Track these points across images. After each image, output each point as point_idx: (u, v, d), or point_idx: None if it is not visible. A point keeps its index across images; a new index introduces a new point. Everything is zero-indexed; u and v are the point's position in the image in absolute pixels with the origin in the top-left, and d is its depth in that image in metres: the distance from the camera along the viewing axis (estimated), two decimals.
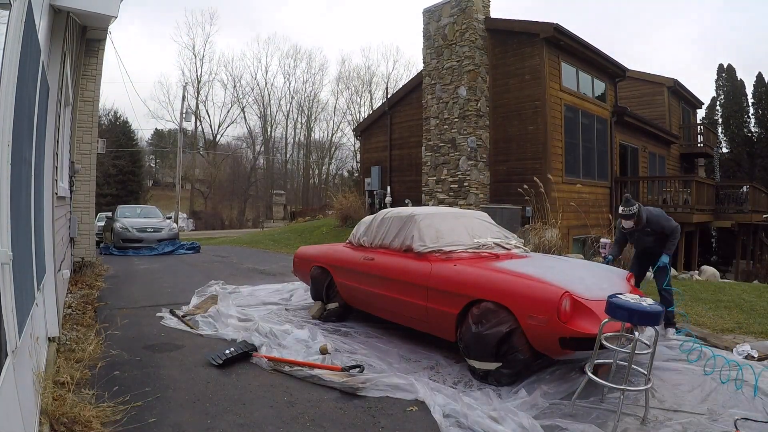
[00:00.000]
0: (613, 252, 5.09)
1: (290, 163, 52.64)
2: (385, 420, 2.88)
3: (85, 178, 7.72)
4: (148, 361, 3.87)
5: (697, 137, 19.89)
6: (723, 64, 32.67)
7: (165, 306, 5.79)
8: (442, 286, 3.84)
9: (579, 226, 11.21)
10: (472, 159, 11.56)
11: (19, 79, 1.84)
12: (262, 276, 8.50)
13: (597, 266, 4.57)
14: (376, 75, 53.27)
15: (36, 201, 2.71)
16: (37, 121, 2.59)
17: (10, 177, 1.76)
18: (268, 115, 50.37)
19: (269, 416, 2.92)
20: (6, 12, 1.81)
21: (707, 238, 17.42)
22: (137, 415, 2.85)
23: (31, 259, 2.44)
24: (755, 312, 5.66)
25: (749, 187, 14.89)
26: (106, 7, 4.15)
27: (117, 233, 12.47)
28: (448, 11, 12.05)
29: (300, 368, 3.65)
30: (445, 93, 12.18)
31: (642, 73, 17.94)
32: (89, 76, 7.40)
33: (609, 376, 3.25)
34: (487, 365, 3.41)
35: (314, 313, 5.29)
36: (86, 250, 7.97)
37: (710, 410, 2.96)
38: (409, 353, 4.09)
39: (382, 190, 15.21)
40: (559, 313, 3.11)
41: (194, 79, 46.74)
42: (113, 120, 39.83)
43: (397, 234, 4.64)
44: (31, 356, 2.41)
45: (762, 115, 30.64)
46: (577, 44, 11.31)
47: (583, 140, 11.95)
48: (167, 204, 34.77)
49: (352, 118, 49.19)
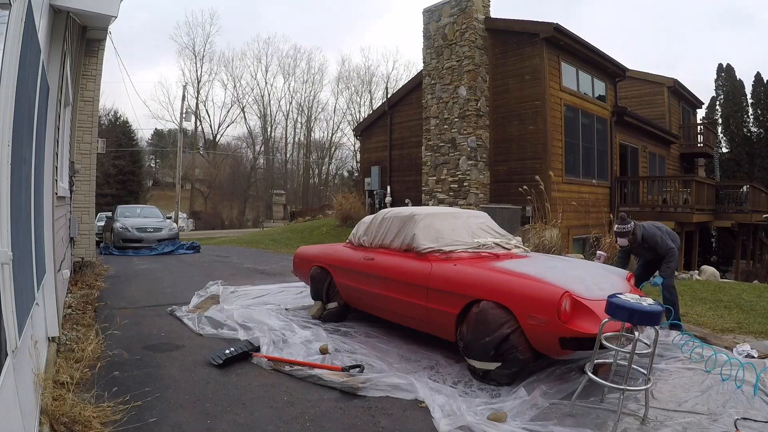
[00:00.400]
0: (619, 266, 4.92)
1: (290, 163, 52.66)
2: (385, 420, 2.88)
3: (85, 178, 7.72)
4: (148, 360, 3.87)
5: (697, 137, 19.88)
6: (723, 64, 32.69)
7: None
8: (442, 285, 3.84)
9: (579, 226, 11.21)
10: (472, 159, 11.56)
11: (19, 79, 1.84)
12: (262, 276, 8.50)
13: (597, 266, 4.57)
14: (376, 75, 53.48)
15: (36, 201, 2.71)
16: (37, 121, 2.59)
17: (10, 177, 1.76)
18: (268, 115, 50.40)
19: (269, 416, 2.92)
20: (6, 12, 1.81)
21: (707, 238, 17.43)
22: (137, 414, 2.85)
23: (31, 259, 2.44)
24: (755, 312, 5.66)
25: (749, 187, 14.89)
26: (106, 7, 4.15)
27: (117, 233, 12.47)
28: (448, 11, 12.05)
29: (300, 368, 3.65)
30: (445, 93, 12.18)
31: (642, 73, 17.94)
32: (89, 76, 7.39)
33: (609, 376, 3.25)
34: (486, 365, 3.41)
35: (314, 313, 5.29)
36: (86, 250, 7.97)
37: (710, 410, 2.96)
38: (409, 353, 4.08)
39: (382, 189, 15.21)
40: (559, 313, 3.11)
41: (194, 79, 46.78)
42: (113, 120, 39.84)
43: (397, 234, 4.64)
44: (31, 356, 2.41)
45: (761, 115, 30.64)
46: (577, 44, 11.31)
47: (583, 140, 11.95)
48: (167, 204, 34.75)
49: (352, 118, 49.21)
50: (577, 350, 3.18)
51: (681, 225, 12.05)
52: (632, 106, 16.27)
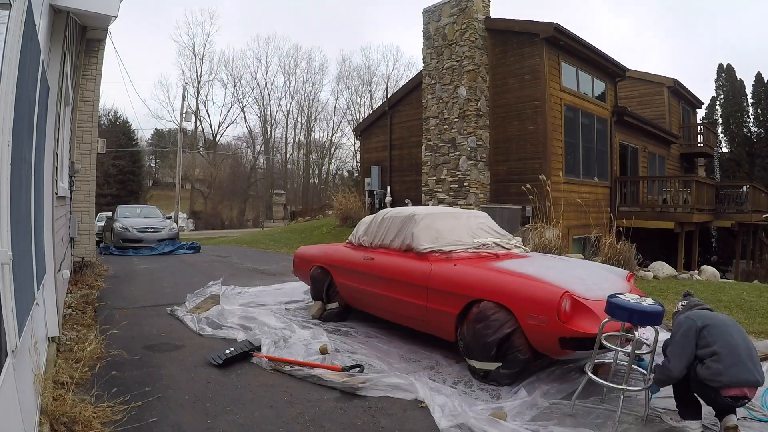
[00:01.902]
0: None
1: (290, 163, 52.67)
2: (385, 420, 2.88)
3: (85, 178, 7.72)
4: (148, 361, 3.87)
5: (697, 137, 19.87)
6: (723, 64, 32.71)
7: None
8: (442, 286, 3.84)
9: (579, 226, 11.21)
10: (472, 159, 11.56)
11: (19, 79, 1.84)
12: (262, 276, 8.50)
13: (597, 266, 4.58)
14: (376, 75, 53.31)
15: (36, 201, 2.71)
16: (37, 121, 2.59)
17: (10, 177, 1.76)
18: (268, 115, 50.44)
19: (269, 416, 2.92)
20: (6, 12, 1.81)
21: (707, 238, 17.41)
22: (137, 415, 2.85)
23: (31, 259, 2.44)
24: (755, 312, 5.67)
25: (749, 187, 14.88)
26: (106, 7, 4.15)
27: (117, 233, 12.47)
28: (448, 11, 12.05)
29: (300, 368, 3.65)
30: (445, 93, 12.18)
31: (642, 73, 17.94)
32: (89, 76, 7.39)
33: (609, 376, 3.25)
34: (487, 365, 3.41)
35: (314, 313, 5.29)
36: (86, 250, 7.97)
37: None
38: (409, 353, 4.08)
39: (382, 190, 15.20)
40: (559, 313, 3.11)
41: (194, 79, 46.81)
42: (113, 120, 39.85)
43: (397, 234, 4.64)
44: (31, 356, 2.41)
45: (761, 115, 30.66)
46: (577, 44, 11.31)
47: (583, 140, 11.95)
48: (167, 204, 34.74)
49: (352, 118, 49.23)
50: (577, 350, 3.18)
51: (681, 225, 12.04)
52: (632, 106, 16.26)
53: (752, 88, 31.25)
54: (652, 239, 12.35)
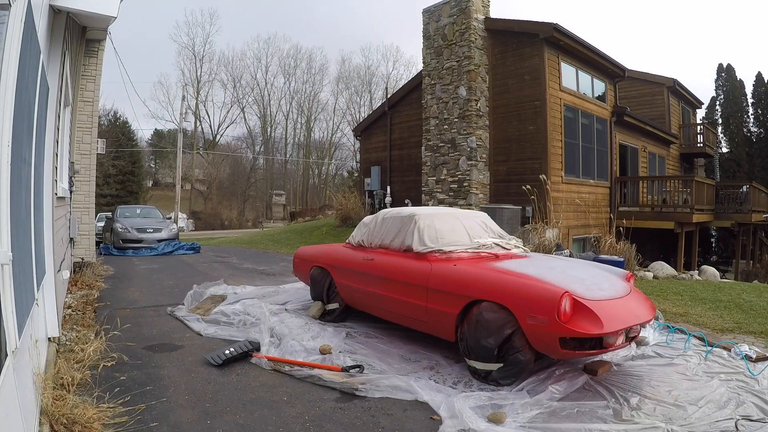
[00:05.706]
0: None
1: (290, 163, 52.66)
2: (385, 420, 2.88)
3: (84, 178, 7.72)
4: (149, 361, 3.87)
5: (696, 137, 19.88)
6: (723, 64, 32.70)
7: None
8: (442, 286, 3.84)
9: (579, 226, 11.22)
10: (472, 159, 11.57)
11: (18, 79, 1.84)
12: (262, 276, 8.50)
13: (596, 266, 4.57)
14: (376, 75, 53.20)
15: (36, 201, 2.71)
16: (36, 122, 2.59)
17: (10, 177, 1.76)
18: (268, 115, 50.45)
19: (269, 416, 2.92)
20: (6, 12, 1.81)
21: (707, 238, 17.43)
22: (137, 415, 2.85)
23: (31, 259, 2.44)
24: (755, 312, 5.67)
25: (749, 187, 14.88)
26: (105, 7, 4.15)
27: (117, 233, 12.47)
28: (448, 11, 12.05)
29: (300, 368, 3.65)
30: (444, 93, 12.18)
31: (642, 73, 17.94)
32: (89, 76, 7.39)
33: (609, 376, 3.25)
34: (488, 366, 3.41)
35: (314, 314, 5.29)
36: (86, 250, 7.97)
37: (710, 410, 2.96)
38: (409, 353, 4.08)
39: (382, 190, 15.21)
40: (559, 314, 3.11)
41: (194, 79, 46.85)
42: (113, 120, 39.80)
43: (396, 234, 4.64)
44: (31, 356, 2.41)
45: (761, 115, 30.64)
46: (576, 44, 11.31)
47: (583, 140, 11.96)
48: (167, 204, 34.73)
49: (352, 118, 49.26)
50: (578, 350, 3.18)
51: (681, 225, 12.05)
52: (632, 106, 16.26)
53: (752, 88, 31.22)
54: (651, 239, 12.37)
